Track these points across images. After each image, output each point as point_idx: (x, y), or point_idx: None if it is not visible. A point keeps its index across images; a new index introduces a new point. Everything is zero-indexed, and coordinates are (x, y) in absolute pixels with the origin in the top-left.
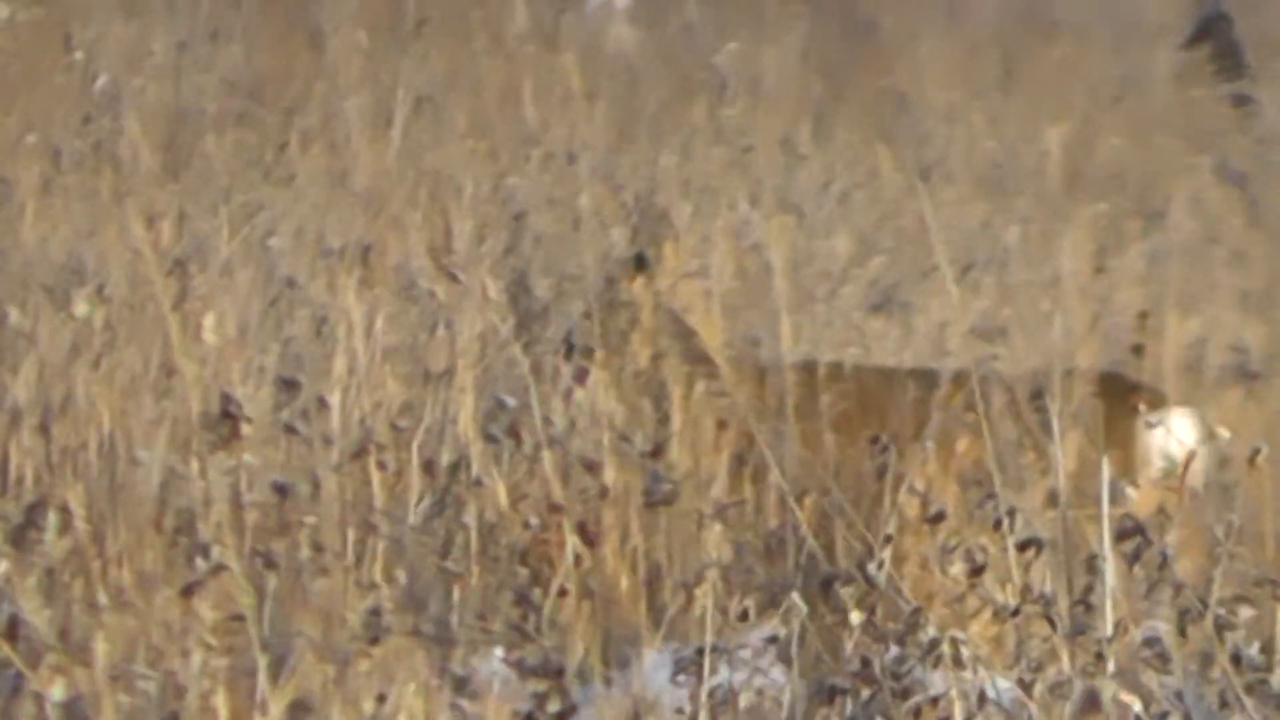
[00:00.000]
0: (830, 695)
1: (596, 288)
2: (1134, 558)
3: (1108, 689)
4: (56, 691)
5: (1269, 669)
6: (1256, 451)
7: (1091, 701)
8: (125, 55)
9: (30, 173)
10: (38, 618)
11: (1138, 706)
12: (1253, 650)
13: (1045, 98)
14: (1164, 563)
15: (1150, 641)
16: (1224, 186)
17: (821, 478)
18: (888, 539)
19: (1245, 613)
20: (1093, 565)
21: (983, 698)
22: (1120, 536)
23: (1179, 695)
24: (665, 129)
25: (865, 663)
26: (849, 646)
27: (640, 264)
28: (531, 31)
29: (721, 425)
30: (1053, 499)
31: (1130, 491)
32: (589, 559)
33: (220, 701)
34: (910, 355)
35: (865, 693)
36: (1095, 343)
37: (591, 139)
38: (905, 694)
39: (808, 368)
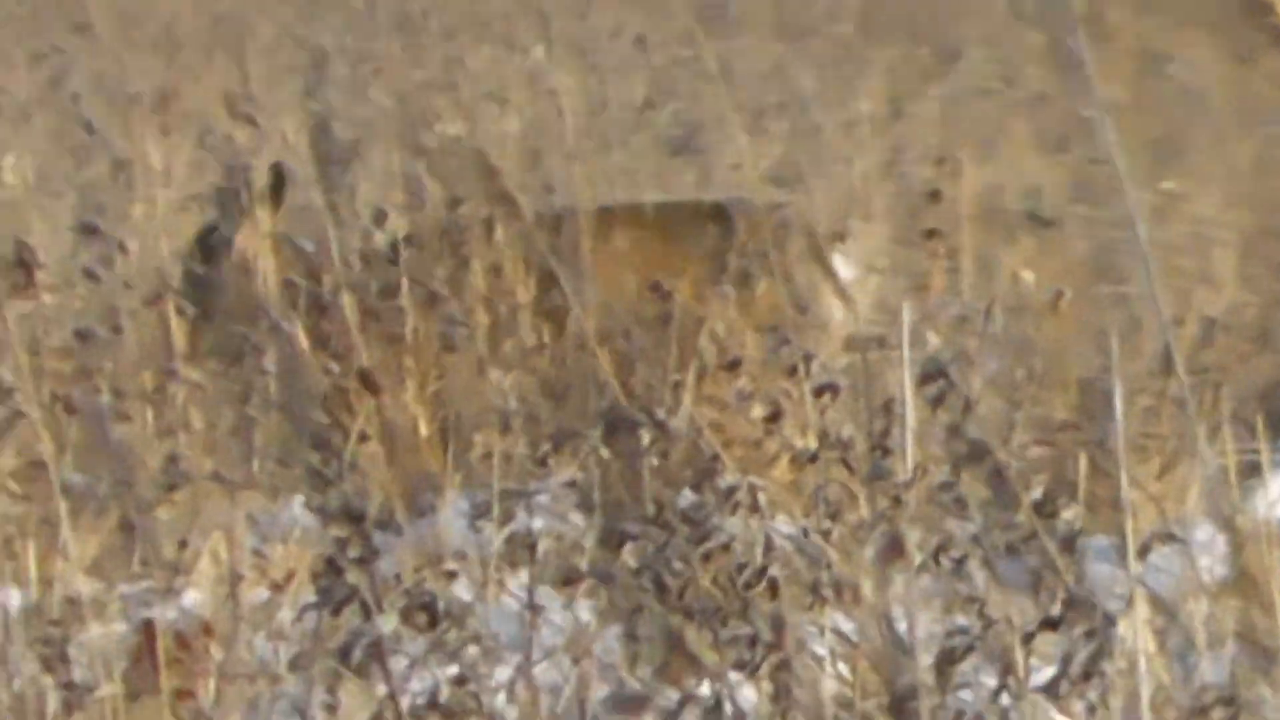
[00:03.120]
0: (623, 539)
1: (400, 133)
2: (936, 401)
3: (911, 533)
4: None
5: (1058, 511)
6: (1059, 295)
7: (894, 546)
8: None
9: None
10: None
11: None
12: (1040, 492)
13: None
14: (966, 406)
15: (947, 485)
16: (1021, 27)
17: (621, 321)
18: (676, 384)
19: (1036, 453)
20: (890, 409)
21: (770, 543)
22: (923, 380)
23: (976, 539)
24: None
25: (660, 507)
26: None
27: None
28: None
29: (521, 267)
30: (851, 343)
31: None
32: (389, 405)
33: (24, 548)
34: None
35: (660, 537)
36: (891, 187)
37: None
38: (701, 539)
39: (605, 213)
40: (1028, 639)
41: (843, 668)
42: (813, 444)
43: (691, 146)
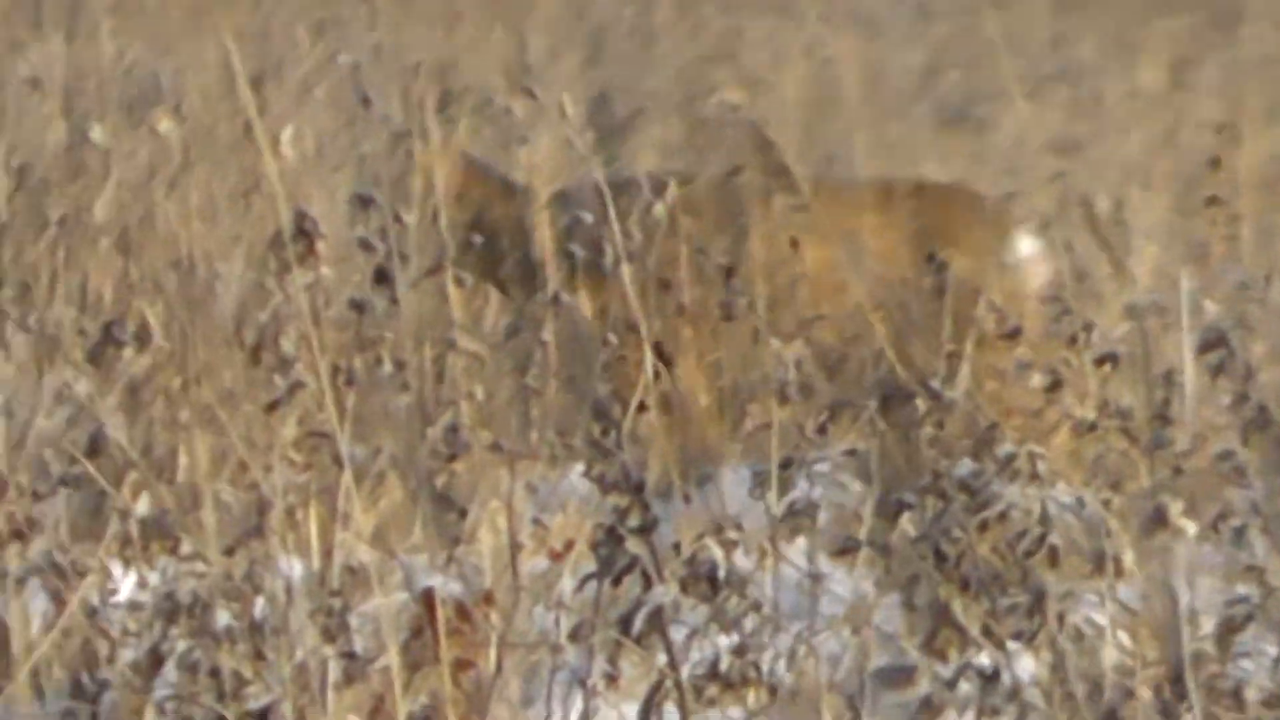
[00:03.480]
0: (901, 508)
1: (679, 105)
2: (1216, 370)
3: (1176, 505)
4: (140, 508)
5: None
6: None
7: (1161, 518)
8: None
9: None
10: (120, 435)
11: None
12: None
13: None
14: (1247, 374)
15: (1227, 454)
16: None
17: (900, 293)
18: (950, 355)
19: None
20: (1171, 379)
21: (1045, 513)
22: (1203, 349)
23: (1256, 507)
24: None
25: (938, 476)
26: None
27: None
28: None
29: (795, 243)
30: (1131, 312)
31: None
32: (667, 376)
33: (305, 517)
34: (986, 171)
35: (937, 506)
36: (1172, 157)
37: None
38: (979, 508)
39: (884, 185)
40: None
41: (1123, 637)
42: (1092, 413)
43: (971, 116)
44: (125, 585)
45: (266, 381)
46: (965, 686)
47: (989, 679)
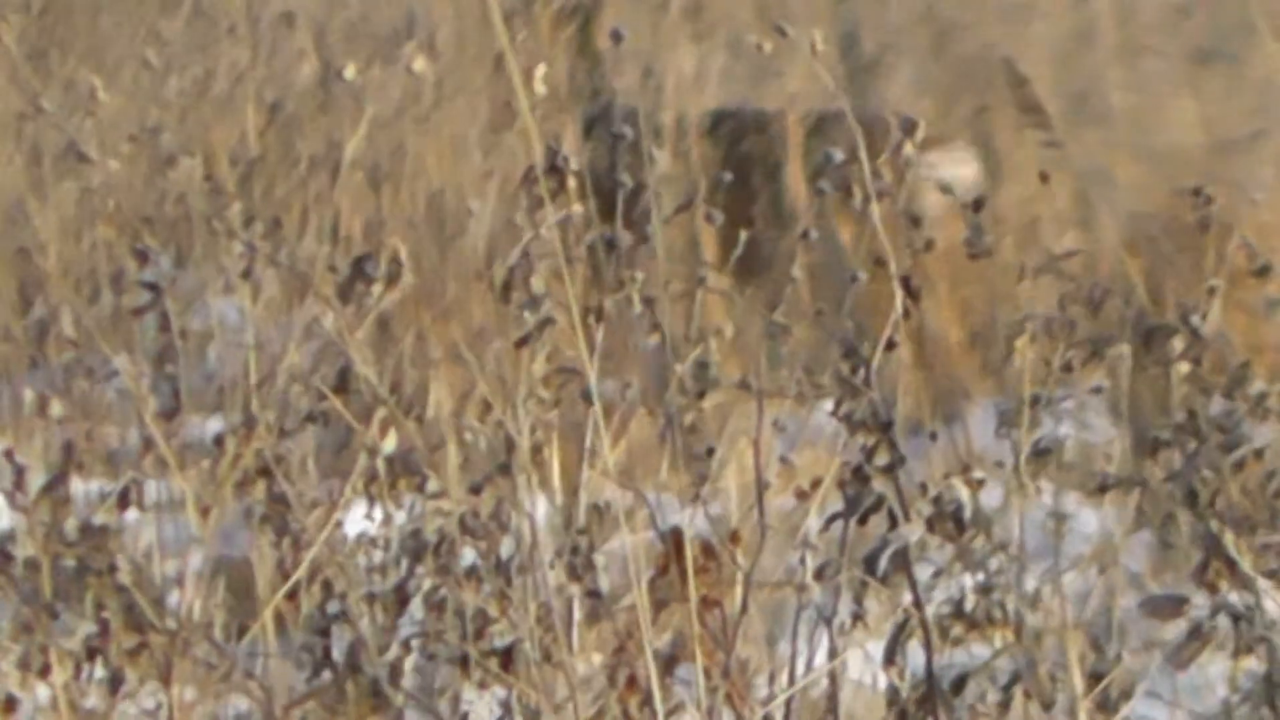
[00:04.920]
0: (1154, 447)
1: (929, 42)
2: None
3: None
4: (388, 444)
5: None
6: None
7: None
8: None
9: None
10: (368, 370)
11: None
12: None
13: None
14: None
15: None
16: None
17: (1150, 229)
18: (1211, 290)
19: None
20: None
21: None
22: None
23: None
24: None
25: (1191, 414)
26: (1175, 399)
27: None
28: None
29: (1045, 176)
30: None
31: None
32: (915, 312)
33: (551, 454)
34: (1235, 108)
35: (1191, 445)
36: None
37: None
38: (1231, 446)
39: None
40: None
41: None
42: None
43: (1221, 54)
44: (368, 522)
45: (516, 318)
46: (1219, 622)
47: (1242, 617)
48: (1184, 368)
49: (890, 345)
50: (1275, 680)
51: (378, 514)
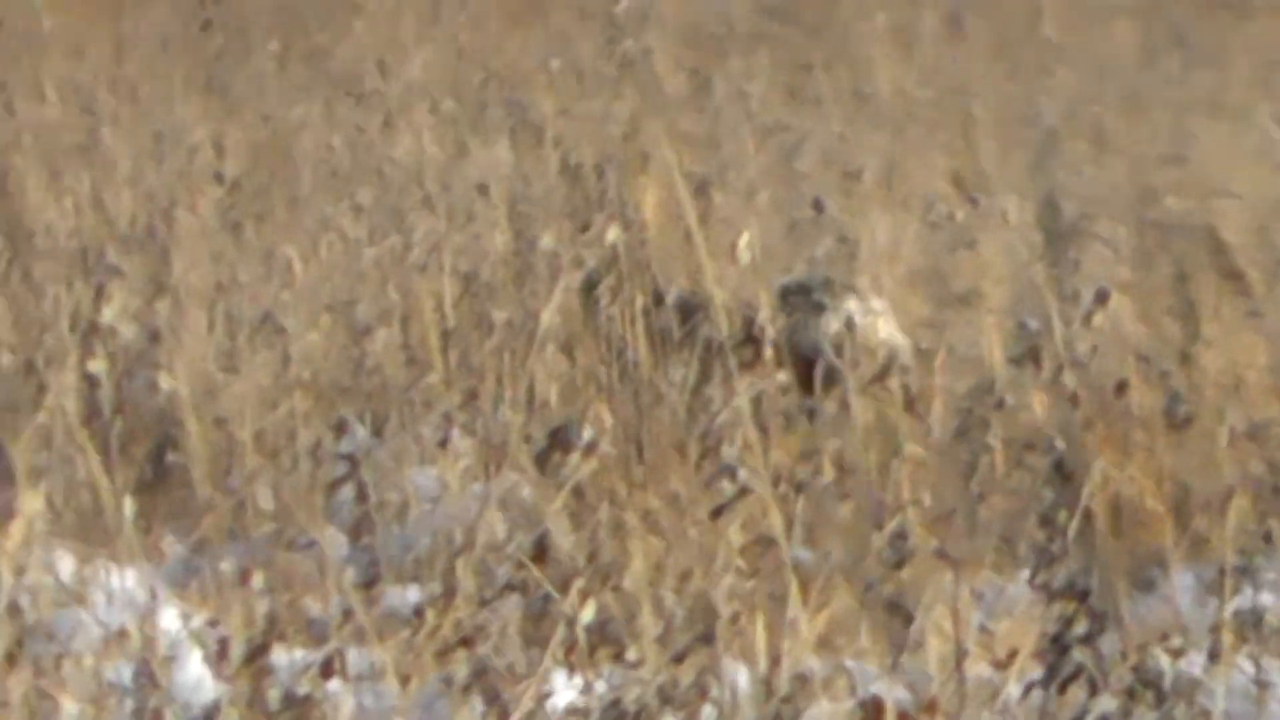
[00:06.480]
0: None
1: (1128, 208)
2: None
3: None
4: (586, 613)
5: None
6: None
7: None
8: None
9: (553, 97)
10: (566, 540)
11: None
12: None
13: None
14: None
15: None
16: None
17: None
18: None
19: None
20: None
21: None
22: None
23: None
24: (1193, 46)
25: None
26: None
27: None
28: None
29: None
30: None
31: None
32: (1114, 479)
33: (751, 624)
34: None
35: None
36: None
37: (1116, 56)
38: None
39: None
40: None
41: None
42: None
43: None
44: (569, 692)
45: (712, 487)
46: None
47: None
48: None
49: (1087, 514)
50: None
51: (578, 682)
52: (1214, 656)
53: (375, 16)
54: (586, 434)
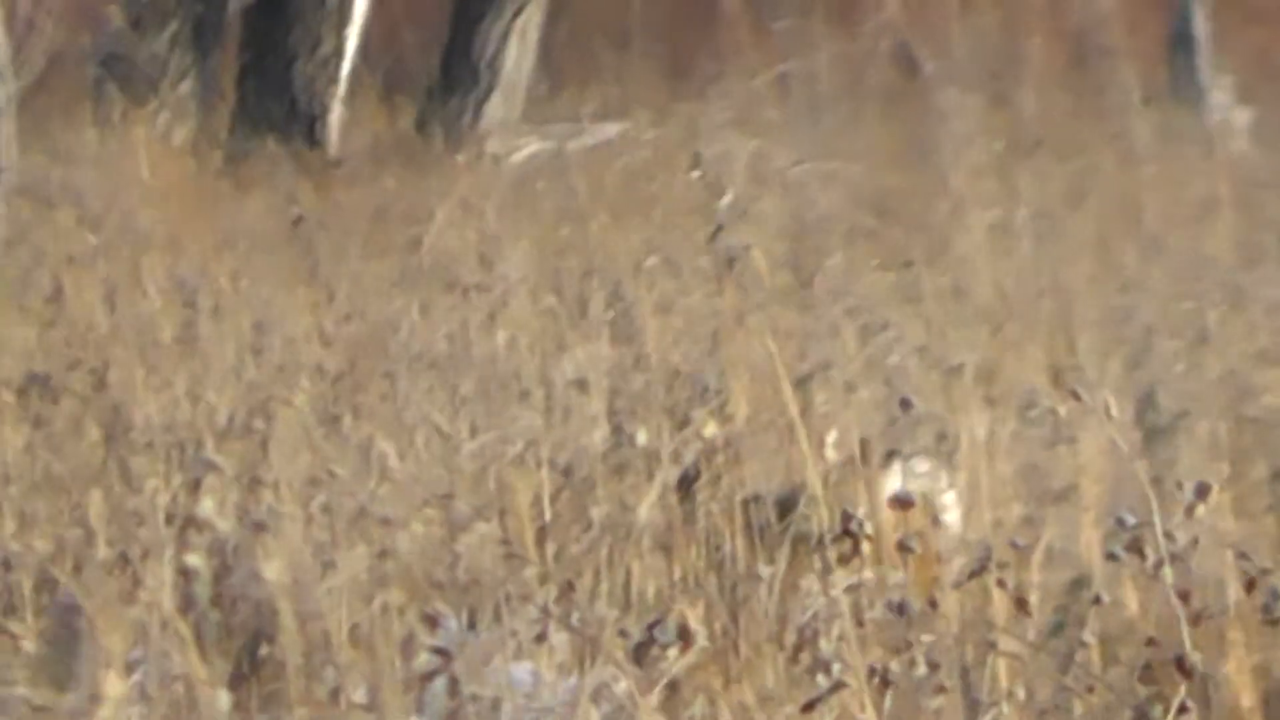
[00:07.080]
0: None
1: (1225, 405)
2: None
3: None
4: None
5: None
6: None
7: None
8: (747, 172)
9: (653, 292)
10: None
11: None
12: None
13: None
14: None
15: None
16: None
17: None
18: None
19: None
20: None
21: None
22: None
23: None
24: None
25: None
26: None
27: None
28: (1150, 146)
29: None
30: None
31: None
32: (1212, 677)
33: None
34: None
35: None
36: None
37: (1216, 253)
38: None
39: None
40: None
41: None
42: None
43: None
44: None
45: (807, 681)
46: None
47: None
48: None
49: (1182, 709)
50: None
51: None
52: None
53: (468, 207)
54: (682, 628)
